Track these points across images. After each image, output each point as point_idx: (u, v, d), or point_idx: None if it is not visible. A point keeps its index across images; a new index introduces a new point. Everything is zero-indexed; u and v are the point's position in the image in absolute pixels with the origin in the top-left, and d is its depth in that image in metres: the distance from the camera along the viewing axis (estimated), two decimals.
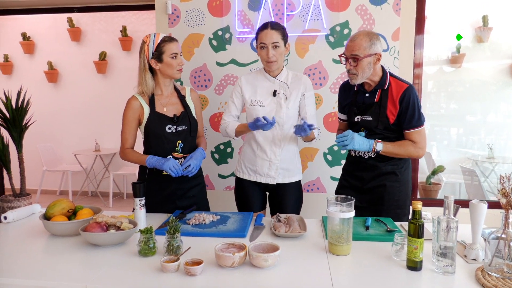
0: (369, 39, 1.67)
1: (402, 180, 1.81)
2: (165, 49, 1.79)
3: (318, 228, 1.63)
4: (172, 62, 1.80)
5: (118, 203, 4.99)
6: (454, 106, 3.93)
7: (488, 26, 3.66)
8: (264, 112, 1.91)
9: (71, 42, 5.10)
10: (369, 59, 1.68)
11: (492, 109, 3.87)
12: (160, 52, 1.79)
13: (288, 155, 1.97)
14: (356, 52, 1.67)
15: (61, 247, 1.41)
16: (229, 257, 1.18)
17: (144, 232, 1.30)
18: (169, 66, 1.81)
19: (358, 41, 1.67)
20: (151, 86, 1.84)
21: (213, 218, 1.66)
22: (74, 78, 5.18)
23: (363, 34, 1.68)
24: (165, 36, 1.82)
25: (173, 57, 1.80)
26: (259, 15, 2.71)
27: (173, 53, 1.79)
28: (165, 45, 1.79)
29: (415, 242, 1.17)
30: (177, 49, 1.81)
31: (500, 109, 3.86)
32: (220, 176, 2.92)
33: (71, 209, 1.60)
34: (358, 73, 1.71)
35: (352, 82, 1.76)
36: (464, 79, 3.85)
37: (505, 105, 3.81)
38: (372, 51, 1.67)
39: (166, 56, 1.79)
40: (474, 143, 3.94)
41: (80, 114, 5.20)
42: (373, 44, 1.67)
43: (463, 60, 3.73)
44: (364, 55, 1.67)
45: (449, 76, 3.84)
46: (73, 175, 5.02)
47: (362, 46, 1.66)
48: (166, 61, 1.80)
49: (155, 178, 1.85)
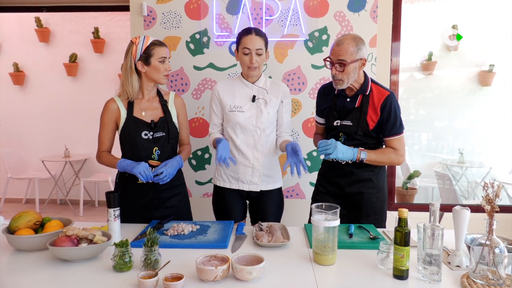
0: (355, 44, 1.64)
1: (379, 187, 1.81)
2: (154, 52, 1.73)
3: (301, 237, 1.59)
4: (160, 67, 1.74)
5: (89, 212, 4.78)
6: (423, 112, 4.05)
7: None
8: (244, 117, 1.87)
9: (39, 43, 4.86)
10: (354, 65, 1.66)
11: (460, 115, 4.00)
12: (149, 55, 1.73)
13: (271, 161, 1.94)
14: (343, 57, 1.64)
15: (27, 264, 1.30)
16: (211, 271, 1.12)
17: (119, 245, 1.22)
18: (156, 70, 1.75)
19: (345, 46, 1.63)
20: (136, 88, 1.77)
21: (192, 228, 1.59)
22: (42, 81, 4.94)
23: (349, 39, 1.65)
24: (155, 40, 1.77)
25: (161, 61, 1.74)
26: (237, 19, 2.68)
27: (162, 57, 1.74)
28: (154, 48, 1.74)
29: (401, 251, 1.16)
30: (166, 54, 1.76)
31: (468, 115, 4.00)
32: (197, 182, 2.84)
33: (38, 221, 1.49)
34: (344, 79, 1.68)
35: (338, 87, 1.73)
36: (433, 86, 3.97)
37: (473, 111, 3.96)
38: (358, 56, 1.65)
39: (154, 59, 1.73)
40: (444, 147, 4.06)
41: (49, 118, 4.96)
42: (359, 49, 1.65)
43: (435, 67, 3.85)
44: (351, 60, 1.64)
45: (419, 83, 3.94)
46: (40, 182, 4.77)
47: (349, 51, 1.63)
48: (153, 64, 1.74)
49: (130, 185, 1.77)
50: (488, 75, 3.80)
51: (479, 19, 3.72)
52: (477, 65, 3.87)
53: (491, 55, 3.81)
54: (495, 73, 3.78)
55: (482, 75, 3.83)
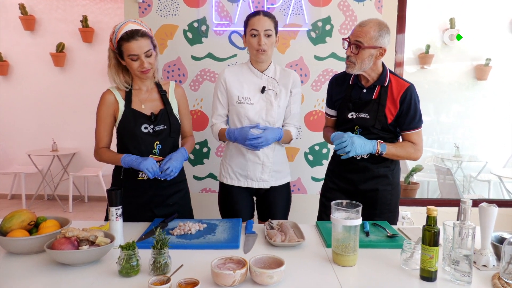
0: (378, 29, 1.53)
1: (394, 183, 1.74)
2: (123, 49, 1.54)
3: (314, 235, 1.51)
4: (131, 64, 1.56)
5: (79, 208, 4.62)
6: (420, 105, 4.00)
7: (455, 28, 3.76)
8: (254, 110, 1.75)
9: (23, 31, 4.63)
10: (372, 51, 1.55)
11: (456, 109, 3.98)
12: (120, 50, 1.56)
13: (280, 156, 1.85)
14: (361, 39, 1.53)
15: (21, 268, 1.19)
16: (229, 275, 1.03)
17: (126, 248, 1.11)
18: (129, 67, 1.59)
19: (366, 28, 1.53)
20: (120, 78, 1.63)
21: (200, 227, 1.50)
22: (28, 71, 4.72)
23: (373, 22, 1.54)
24: (124, 33, 1.52)
25: (132, 59, 1.55)
26: (238, 7, 2.56)
27: (131, 55, 1.54)
28: (122, 43, 1.53)
29: (430, 251, 1.09)
30: (137, 50, 1.52)
31: (463, 109, 3.98)
32: (195, 177, 2.74)
33: (32, 221, 1.37)
34: (356, 63, 1.57)
35: (348, 70, 1.62)
36: (430, 79, 3.93)
37: (468, 105, 3.94)
38: (377, 44, 1.54)
39: (125, 55, 1.55)
40: (439, 142, 4.04)
41: (35, 110, 4.75)
42: (381, 36, 1.54)
43: (432, 61, 3.81)
44: (368, 45, 1.53)
45: (415, 76, 3.89)
46: (27, 177, 4.58)
47: (369, 34, 1.52)
48: (126, 61, 1.57)
49: (130, 182, 1.65)
50: (484, 69, 3.78)
51: (476, 13, 3.69)
52: (474, 59, 3.85)
53: (487, 49, 3.78)
54: (491, 67, 3.77)
55: (479, 69, 3.81)
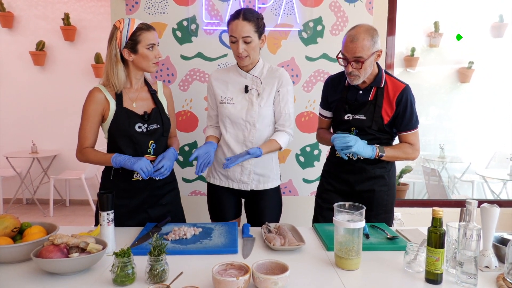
0: (371, 37, 1.51)
1: (390, 184, 1.73)
2: (141, 39, 1.54)
3: (313, 238, 1.48)
4: (149, 54, 1.56)
5: (60, 212, 4.46)
6: None
7: (439, 32, 3.82)
8: (235, 110, 1.71)
9: (1, 28, 4.45)
10: (371, 59, 1.55)
11: (439, 111, 4.05)
12: (135, 42, 1.53)
13: (266, 160, 1.76)
14: (360, 54, 1.50)
15: (6, 278, 1.11)
16: (232, 282, 0.98)
17: (121, 255, 1.05)
18: (144, 58, 1.56)
19: (360, 42, 1.49)
20: (123, 79, 1.57)
21: (195, 231, 1.44)
22: (6, 70, 4.53)
23: (363, 33, 1.50)
24: (141, 23, 1.56)
25: (149, 48, 1.56)
26: (228, 6, 2.52)
27: (150, 44, 1.55)
28: (141, 33, 1.54)
29: (436, 253, 1.07)
30: (154, 39, 1.57)
31: (447, 111, 4.05)
32: (184, 180, 2.67)
33: (16, 227, 1.28)
34: (361, 75, 1.56)
35: (354, 83, 1.61)
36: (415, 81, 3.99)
37: (452, 108, 4.02)
38: (374, 49, 1.53)
39: (141, 46, 1.54)
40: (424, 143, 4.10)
41: (14, 111, 4.55)
42: (375, 42, 1.53)
43: (417, 63, 3.86)
44: (368, 56, 1.52)
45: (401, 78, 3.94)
46: (4, 180, 4.39)
47: (365, 46, 1.50)
48: (141, 52, 1.55)
49: (124, 183, 1.59)
50: (467, 72, 3.86)
51: (459, 16, 3.76)
52: (457, 62, 3.92)
53: (470, 53, 3.86)
54: (474, 70, 3.85)
55: (462, 72, 3.88)
